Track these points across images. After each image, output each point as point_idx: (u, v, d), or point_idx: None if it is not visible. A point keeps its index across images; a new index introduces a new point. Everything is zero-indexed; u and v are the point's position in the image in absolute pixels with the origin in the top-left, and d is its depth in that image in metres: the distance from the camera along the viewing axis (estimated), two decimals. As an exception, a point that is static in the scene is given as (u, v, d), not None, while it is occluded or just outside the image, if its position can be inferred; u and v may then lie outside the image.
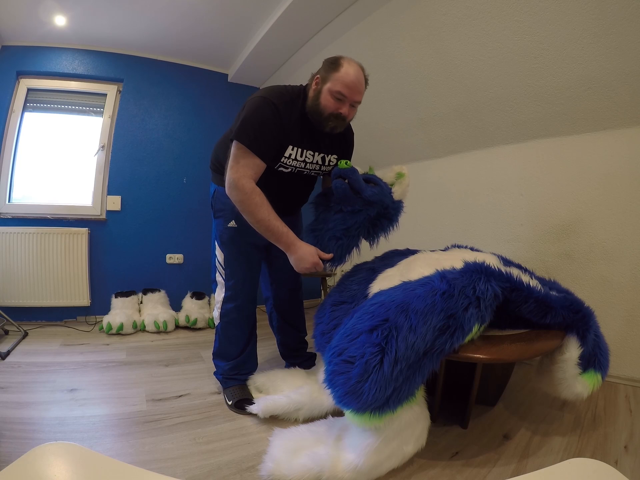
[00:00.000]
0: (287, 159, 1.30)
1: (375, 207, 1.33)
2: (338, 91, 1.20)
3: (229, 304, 1.47)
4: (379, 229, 1.41)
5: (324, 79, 1.24)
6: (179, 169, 2.94)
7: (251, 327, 1.54)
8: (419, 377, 0.97)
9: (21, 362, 1.77)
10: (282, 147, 1.27)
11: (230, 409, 1.39)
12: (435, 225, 2.49)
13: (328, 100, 1.22)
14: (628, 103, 1.56)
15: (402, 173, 1.42)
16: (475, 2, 1.69)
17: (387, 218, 1.39)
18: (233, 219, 1.41)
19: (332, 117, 1.24)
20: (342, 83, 1.20)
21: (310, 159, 1.36)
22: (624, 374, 1.62)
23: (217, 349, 1.53)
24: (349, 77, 1.21)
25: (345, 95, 1.22)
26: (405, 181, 1.41)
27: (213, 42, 2.70)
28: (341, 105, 1.23)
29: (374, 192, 1.30)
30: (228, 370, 1.49)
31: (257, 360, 1.60)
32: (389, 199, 1.36)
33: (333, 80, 1.21)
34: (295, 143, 1.29)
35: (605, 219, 1.69)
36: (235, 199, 1.24)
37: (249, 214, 1.24)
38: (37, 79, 2.61)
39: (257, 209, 1.22)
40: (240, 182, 1.21)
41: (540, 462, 1.06)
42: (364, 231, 1.38)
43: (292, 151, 1.29)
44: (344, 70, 1.21)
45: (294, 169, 1.35)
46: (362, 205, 1.30)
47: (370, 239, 1.43)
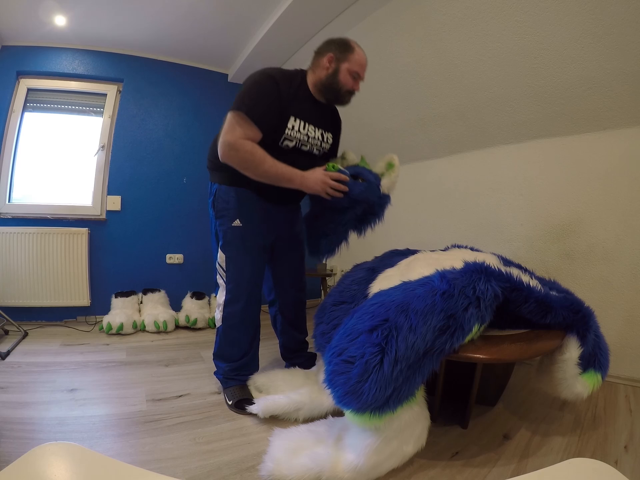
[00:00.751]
0: (291, 130, 1.33)
1: (361, 205, 1.38)
2: (356, 71, 1.34)
3: (231, 308, 1.44)
4: (365, 223, 1.48)
5: (339, 58, 1.33)
6: (179, 169, 2.94)
7: (254, 331, 1.52)
8: (419, 377, 0.97)
9: (21, 362, 1.77)
10: (285, 118, 1.31)
11: (230, 409, 1.39)
12: (435, 225, 2.49)
13: (347, 78, 1.34)
14: (628, 103, 1.56)
15: (393, 163, 1.44)
16: (475, 2, 1.69)
17: (373, 213, 1.45)
18: (237, 217, 1.40)
19: (348, 93, 1.38)
20: (359, 64, 1.34)
21: (312, 133, 1.40)
22: (624, 374, 1.62)
23: (217, 350, 1.51)
24: (363, 59, 1.36)
25: (360, 75, 1.36)
26: (394, 172, 1.44)
27: (213, 42, 2.70)
28: (356, 83, 1.37)
29: (360, 190, 1.34)
30: (229, 371, 1.48)
31: (258, 362, 1.58)
32: (376, 196, 1.39)
33: (351, 61, 1.33)
34: (297, 114, 1.34)
35: (605, 219, 1.69)
36: (236, 159, 1.25)
37: (255, 168, 1.26)
38: (37, 79, 2.61)
39: (262, 160, 1.25)
40: (240, 142, 1.23)
41: (540, 462, 1.06)
42: (351, 226, 1.47)
43: (294, 122, 1.33)
44: (358, 52, 1.35)
45: (298, 143, 1.37)
46: (349, 203, 1.36)
47: (357, 232, 1.51)
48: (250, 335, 1.49)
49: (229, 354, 1.48)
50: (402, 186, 2.73)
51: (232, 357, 1.48)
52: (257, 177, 1.28)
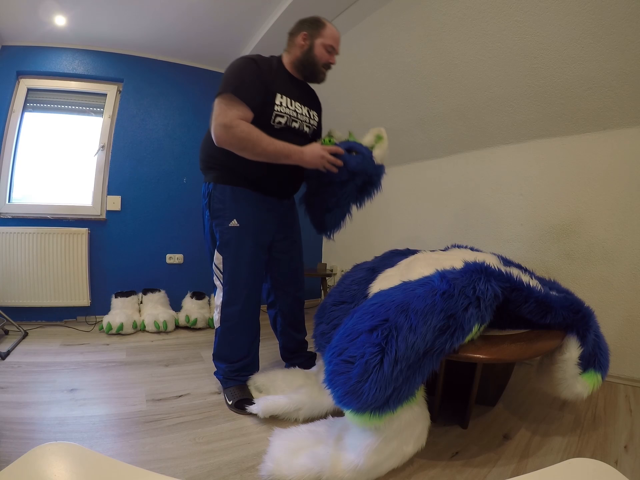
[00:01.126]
0: (279, 106, 1.35)
1: (361, 175, 1.39)
2: (330, 45, 1.40)
3: (228, 309, 1.43)
4: (365, 195, 1.49)
5: (312, 35, 1.40)
6: (179, 169, 2.94)
7: (254, 333, 1.51)
8: (419, 377, 0.97)
9: (21, 362, 1.77)
10: (271, 94, 1.34)
11: (230, 409, 1.39)
12: (435, 225, 2.49)
13: (322, 53, 1.40)
14: (628, 103, 1.56)
15: (381, 136, 1.48)
16: (475, 2, 1.69)
17: (371, 184, 1.46)
18: (234, 217, 1.38)
19: (325, 67, 1.43)
20: (332, 38, 1.41)
21: (299, 110, 1.43)
22: (624, 374, 1.62)
23: (217, 351, 1.50)
24: (336, 33, 1.42)
25: (334, 48, 1.42)
26: (384, 144, 1.47)
27: (213, 42, 2.70)
28: (331, 57, 1.43)
29: (357, 162, 1.36)
30: (228, 372, 1.47)
31: (259, 363, 1.58)
32: (372, 166, 1.41)
33: (324, 36, 1.39)
34: (282, 91, 1.37)
35: (605, 219, 1.69)
36: (234, 139, 1.24)
37: (253, 146, 1.25)
38: (37, 79, 2.61)
39: (259, 138, 1.25)
40: (235, 121, 1.23)
41: (540, 462, 1.06)
42: (352, 198, 1.48)
43: (282, 99, 1.36)
44: (329, 27, 1.42)
45: (288, 119, 1.38)
46: (349, 176, 1.37)
47: (358, 204, 1.53)
48: (249, 336, 1.49)
49: (228, 355, 1.47)
50: (402, 186, 2.75)
51: (231, 358, 1.47)
52: (255, 156, 1.28)
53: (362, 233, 3.12)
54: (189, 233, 2.95)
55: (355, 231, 3.19)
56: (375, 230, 3.00)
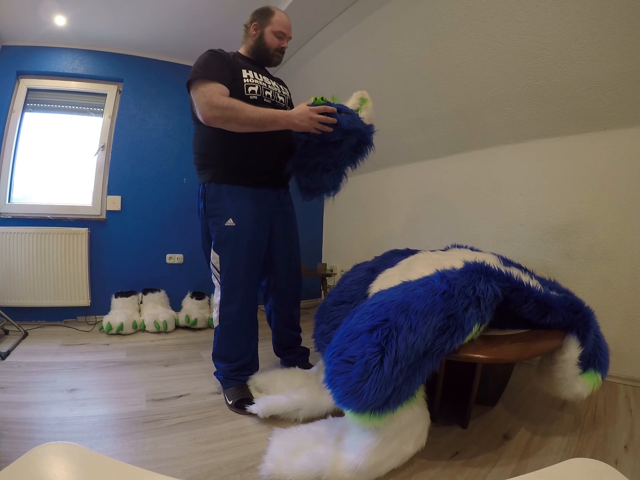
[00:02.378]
0: (248, 78, 1.41)
1: (354, 134, 1.36)
2: (279, 31, 1.48)
3: (227, 308, 1.44)
4: (359, 154, 1.47)
5: (262, 24, 1.48)
6: (179, 169, 2.94)
7: (252, 331, 1.52)
8: (419, 377, 0.97)
9: (21, 362, 1.77)
10: (237, 72, 1.40)
11: (230, 409, 1.39)
12: (435, 225, 2.49)
13: (272, 39, 1.48)
14: (628, 103, 1.56)
15: (365, 98, 1.48)
16: (475, 2, 1.69)
17: (366, 143, 1.44)
18: (230, 216, 1.39)
19: (277, 52, 1.51)
20: (281, 24, 1.48)
21: (268, 82, 1.49)
22: (624, 374, 1.62)
23: (216, 350, 1.51)
24: (284, 19, 1.49)
25: (284, 34, 1.50)
26: (369, 105, 1.47)
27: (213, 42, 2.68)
28: (282, 41, 1.50)
29: (348, 120, 1.33)
30: (228, 372, 1.47)
31: (258, 362, 1.58)
32: (363, 125, 1.40)
33: (273, 24, 1.47)
34: (246, 67, 1.44)
35: (605, 219, 1.69)
36: (218, 112, 1.26)
37: (237, 116, 1.26)
38: (37, 79, 2.61)
39: (242, 107, 1.27)
40: (215, 96, 1.26)
41: (540, 462, 1.06)
42: (348, 158, 1.45)
43: (248, 73, 1.42)
44: (278, 14, 1.49)
45: (260, 89, 1.43)
46: (342, 135, 1.33)
47: (353, 164, 1.50)
48: (247, 335, 1.49)
49: (227, 354, 1.48)
50: (402, 186, 2.75)
51: (230, 357, 1.47)
52: (241, 125, 1.28)
53: (362, 233, 3.12)
54: (189, 233, 2.95)
55: (355, 231, 3.20)
56: (375, 230, 3.00)
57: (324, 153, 1.38)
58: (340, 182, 1.51)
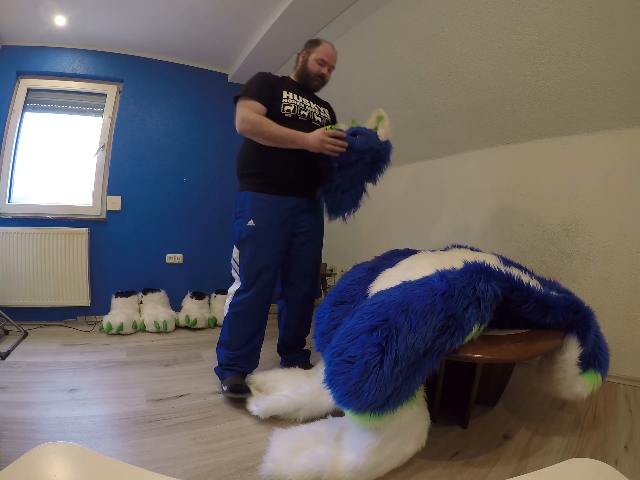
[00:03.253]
0: (287, 99, 1.57)
1: (368, 153, 1.50)
2: (321, 58, 1.64)
3: (239, 296, 1.57)
4: (376, 172, 1.60)
5: (309, 52, 1.66)
6: (179, 169, 2.94)
7: (258, 325, 1.58)
8: (419, 377, 0.97)
9: (21, 362, 1.77)
10: (279, 93, 1.57)
11: (224, 395, 1.45)
12: (435, 225, 2.49)
13: (314, 65, 1.64)
14: (628, 103, 1.56)
15: (382, 115, 1.62)
16: (475, 2, 1.69)
17: (381, 160, 1.57)
18: (252, 218, 1.55)
19: (317, 77, 1.65)
20: (324, 53, 1.65)
21: (307, 103, 1.64)
22: (624, 374, 1.62)
23: (221, 337, 1.60)
24: (327, 49, 1.66)
25: (325, 62, 1.65)
26: (386, 122, 1.60)
27: (213, 42, 2.70)
28: (322, 68, 1.65)
29: (362, 141, 1.49)
30: (227, 360, 1.53)
31: (258, 359, 1.62)
32: (377, 143, 1.53)
33: (317, 52, 1.64)
34: (288, 89, 1.60)
35: (605, 219, 1.69)
36: (249, 126, 1.46)
37: (264, 131, 1.46)
38: (37, 79, 2.62)
39: (269, 124, 1.47)
40: (250, 114, 1.47)
41: (540, 462, 1.06)
42: (365, 176, 1.59)
43: (288, 94, 1.58)
44: (324, 45, 1.66)
45: (296, 108, 1.58)
46: (357, 156, 1.48)
47: (372, 181, 1.63)
48: (253, 327, 1.57)
49: (229, 341, 1.56)
50: (402, 186, 2.75)
51: (232, 345, 1.55)
52: (267, 139, 1.48)
53: (362, 233, 3.12)
54: (189, 233, 2.95)
55: (355, 231, 3.20)
56: (375, 230, 2.99)
57: (341, 175, 1.53)
58: (359, 200, 1.64)
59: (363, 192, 1.64)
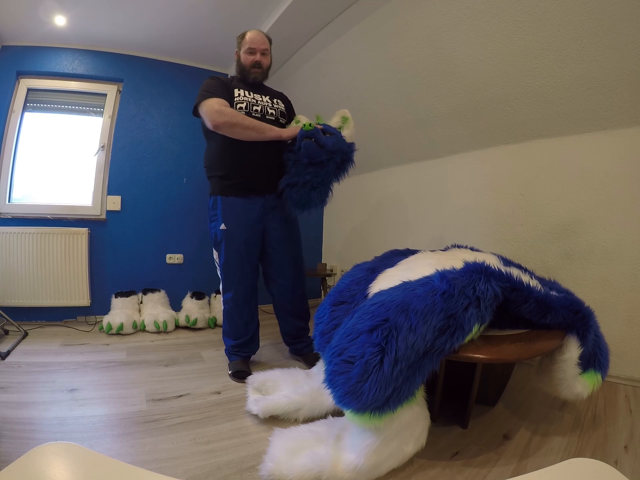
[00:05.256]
0: (238, 97, 1.64)
1: (338, 154, 1.59)
2: (248, 47, 1.67)
3: (226, 295, 1.73)
4: (342, 171, 1.68)
5: (239, 48, 1.71)
6: (179, 169, 2.94)
7: (248, 316, 1.74)
8: (419, 377, 0.97)
9: (21, 362, 1.77)
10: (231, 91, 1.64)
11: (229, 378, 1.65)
12: (435, 225, 2.49)
13: (245, 57, 1.68)
14: (628, 103, 1.56)
15: (347, 117, 1.68)
16: (475, 2, 1.69)
17: (347, 160, 1.65)
18: (223, 222, 1.65)
19: (252, 68, 1.68)
20: (249, 41, 1.68)
21: (259, 98, 1.70)
22: (624, 374, 1.62)
23: (223, 328, 1.80)
24: (251, 36, 1.68)
25: (253, 48, 1.67)
26: (351, 124, 1.67)
27: (213, 41, 2.70)
28: (253, 56, 1.67)
29: (333, 142, 1.56)
30: (231, 347, 1.76)
31: (258, 342, 1.82)
32: (345, 145, 1.62)
33: (244, 44, 1.68)
34: (238, 87, 1.67)
35: (605, 219, 1.69)
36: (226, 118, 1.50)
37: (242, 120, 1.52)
38: (37, 79, 2.61)
39: (244, 116, 1.54)
40: (222, 107, 1.52)
41: (540, 462, 1.06)
42: (333, 175, 1.66)
43: (239, 92, 1.66)
44: (249, 34, 1.69)
45: (248, 105, 1.64)
46: (328, 155, 1.56)
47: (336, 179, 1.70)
48: (244, 319, 1.74)
49: (230, 332, 1.76)
50: (402, 186, 2.75)
51: (232, 334, 1.75)
52: (245, 129, 1.52)
53: (362, 233, 3.12)
54: (189, 233, 2.95)
55: (355, 231, 3.20)
56: (375, 230, 3.00)
57: (312, 172, 1.59)
58: (326, 197, 1.70)
59: (330, 190, 1.71)
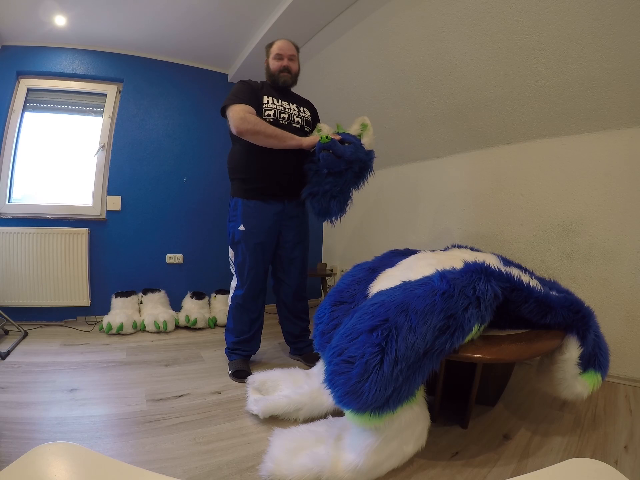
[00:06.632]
0: (267, 104, 1.67)
1: (356, 163, 1.63)
2: (276, 54, 1.73)
3: (237, 291, 1.77)
4: (361, 179, 1.73)
5: (267, 56, 1.78)
6: (179, 169, 2.94)
7: (254, 314, 1.78)
8: (419, 377, 0.97)
9: (21, 362, 1.77)
10: (260, 98, 1.67)
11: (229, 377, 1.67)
12: (435, 225, 2.49)
13: (273, 63, 1.73)
14: (628, 103, 1.56)
15: (366, 124, 1.71)
16: (475, 2, 1.69)
17: (366, 168, 1.70)
18: (242, 223, 1.70)
19: (281, 72, 1.72)
20: (277, 49, 1.74)
21: (287, 105, 1.73)
22: (624, 374, 1.62)
23: (227, 324, 1.83)
24: (279, 44, 1.75)
25: (281, 54, 1.73)
26: (370, 131, 1.70)
27: (213, 42, 2.70)
28: (281, 62, 1.72)
29: (351, 151, 1.59)
30: (232, 344, 1.78)
31: (259, 343, 1.85)
32: (363, 153, 1.64)
33: (272, 52, 1.75)
34: (267, 94, 1.70)
35: (605, 219, 1.69)
36: (249, 124, 1.54)
37: (265, 129, 1.56)
38: (37, 79, 2.61)
39: (266, 127, 1.58)
40: (247, 114, 1.56)
41: (540, 462, 1.06)
42: (352, 184, 1.71)
43: (268, 99, 1.68)
44: (276, 43, 1.76)
45: (276, 112, 1.67)
46: (346, 165, 1.60)
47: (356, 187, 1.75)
48: (250, 317, 1.77)
49: (233, 328, 1.78)
50: (402, 186, 2.75)
51: (236, 331, 1.77)
52: (268, 137, 1.57)
53: (362, 233, 3.12)
54: (189, 233, 2.95)
55: (355, 231, 3.20)
56: (375, 230, 2.99)
57: (331, 182, 1.63)
58: (346, 206, 1.75)
59: (349, 198, 1.75)
